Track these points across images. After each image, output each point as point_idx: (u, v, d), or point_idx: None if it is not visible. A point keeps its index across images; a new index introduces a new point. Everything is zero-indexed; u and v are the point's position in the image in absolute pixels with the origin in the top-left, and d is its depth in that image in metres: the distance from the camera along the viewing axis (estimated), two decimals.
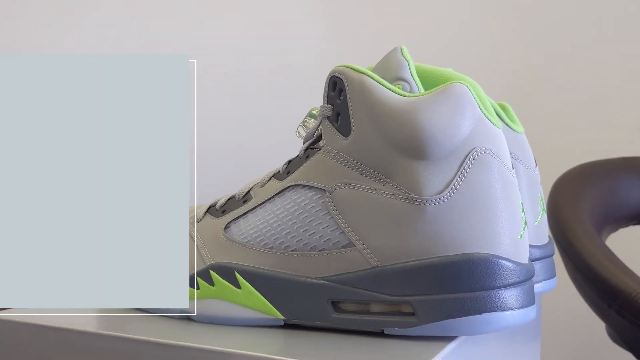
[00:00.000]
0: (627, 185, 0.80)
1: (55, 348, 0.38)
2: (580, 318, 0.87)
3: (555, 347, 1.00)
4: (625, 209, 0.80)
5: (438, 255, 0.34)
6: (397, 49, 0.39)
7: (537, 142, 0.60)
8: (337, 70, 0.38)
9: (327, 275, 0.37)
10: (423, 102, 0.35)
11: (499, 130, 0.36)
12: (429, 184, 0.34)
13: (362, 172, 0.36)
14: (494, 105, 0.43)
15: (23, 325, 0.39)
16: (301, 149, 0.40)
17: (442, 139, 0.35)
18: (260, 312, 0.38)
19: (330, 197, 0.37)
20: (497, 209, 0.35)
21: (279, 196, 0.39)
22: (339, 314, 0.37)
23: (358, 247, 0.36)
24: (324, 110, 0.38)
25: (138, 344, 0.36)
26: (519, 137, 0.46)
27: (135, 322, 0.39)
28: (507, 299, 0.34)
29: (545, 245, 0.47)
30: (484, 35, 1.04)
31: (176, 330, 0.38)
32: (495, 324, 0.34)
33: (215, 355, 0.34)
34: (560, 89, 1.02)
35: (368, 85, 0.36)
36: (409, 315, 0.35)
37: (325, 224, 0.37)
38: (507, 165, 0.36)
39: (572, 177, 0.77)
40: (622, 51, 0.99)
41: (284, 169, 0.41)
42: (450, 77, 0.40)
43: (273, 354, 0.33)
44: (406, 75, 0.38)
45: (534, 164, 0.47)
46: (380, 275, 0.35)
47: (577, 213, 0.71)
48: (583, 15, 1.01)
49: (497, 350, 0.43)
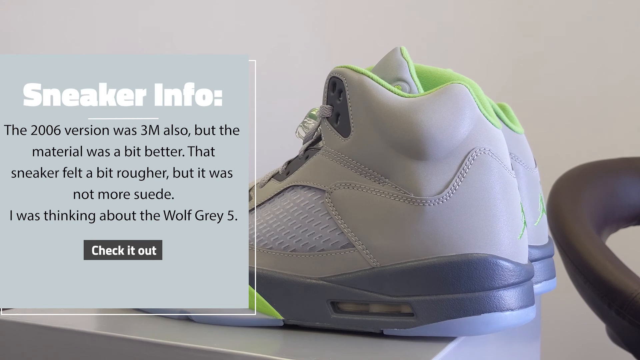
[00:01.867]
0: (627, 185, 0.80)
1: (54, 348, 0.38)
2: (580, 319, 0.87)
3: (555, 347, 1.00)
4: (626, 210, 0.80)
5: (437, 256, 0.34)
6: (397, 49, 0.39)
7: (537, 142, 0.60)
8: (337, 70, 0.38)
9: (327, 276, 0.37)
10: (422, 103, 0.35)
11: (499, 130, 0.36)
12: (428, 184, 0.34)
13: (361, 173, 0.36)
14: (493, 106, 0.43)
15: (24, 326, 0.39)
16: (301, 150, 0.40)
17: (442, 140, 0.35)
18: (260, 312, 0.38)
19: (329, 197, 0.37)
20: (496, 210, 0.35)
21: (278, 197, 0.39)
22: (338, 314, 0.37)
23: (357, 248, 0.36)
24: (324, 111, 0.38)
25: (137, 345, 0.36)
26: (519, 138, 0.46)
27: (134, 322, 0.39)
28: (507, 299, 0.34)
29: (545, 245, 0.47)
30: (483, 36, 1.04)
31: (175, 331, 0.38)
32: (495, 324, 0.34)
33: (214, 355, 0.34)
34: (560, 89, 1.02)
35: (368, 85, 0.36)
36: (408, 315, 0.35)
37: (325, 225, 0.37)
38: (507, 165, 0.36)
39: (572, 178, 0.77)
40: (622, 51, 0.99)
41: (283, 170, 0.41)
42: (450, 78, 0.40)
43: (272, 354, 0.33)
44: (406, 76, 0.38)
45: (534, 164, 0.47)
46: (379, 275, 0.35)
47: (577, 213, 0.71)
48: (583, 15, 1.01)
49: (497, 350, 0.43)
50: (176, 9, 1.05)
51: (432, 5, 1.05)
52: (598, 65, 1.00)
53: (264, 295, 0.38)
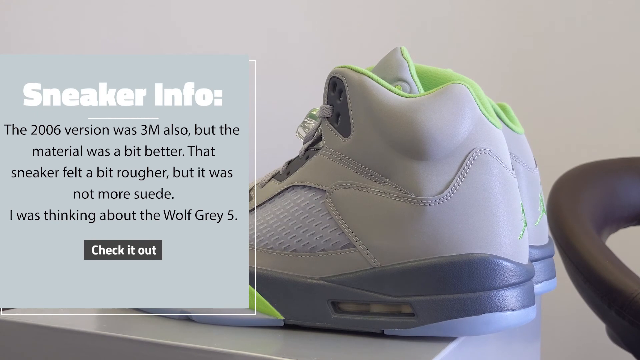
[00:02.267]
0: (627, 185, 0.80)
1: (54, 348, 0.38)
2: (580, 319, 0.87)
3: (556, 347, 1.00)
4: (626, 210, 0.80)
5: (438, 256, 0.34)
6: (397, 49, 0.39)
7: (537, 142, 0.60)
8: (337, 70, 0.38)
9: (327, 276, 0.37)
10: (423, 103, 0.35)
11: (499, 130, 0.36)
12: (429, 184, 0.34)
13: (362, 173, 0.36)
14: (493, 106, 0.43)
15: (24, 326, 0.39)
16: (301, 150, 0.40)
17: (442, 140, 0.35)
18: (260, 312, 0.38)
19: (330, 197, 0.37)
20: (497, 210, 0.35)
21: (278, 197, 0.39)
22: (339, 314, 0.37)
23: (358, 248, 0.36)
24: (324, 111, 0.38)
25: (137, 345, 0.36)
26: (519, 138, 0.46)
27: (134, 322, 0.39)
28: (507, 299, 0.34)
29: (546, 245, 0.47)
30: (483, 36, 1.04)
31: (175, 331, 0.37)
32: (495, 324, 0.34)
33: (214, 355, 0.34)
34: (560, 89, 1.02)
35: (368, 85, 0.36)
36: (409, 315, 0.35)
37: (325, 225, 0.37)
38: (507, 165, 0.36)
39: (572, 178, 0.77)
40: (623, 51, 0.99)
41: (283, 170, 0.41)
42: (450, 78, 0.40)
43: (273, 354, 0.33)
44: (406, 76, 0.38)
45: (534, 164, 0.47)
46: (380, 275, 0.35)
47: (577, 213, 0.71)
48: (583, 15, 1.01)
49: (497, 350, 0.43)
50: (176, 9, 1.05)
51: (432, 5, 1.05)
52: (598, 65, 1.00)
53: (265, 295, 0.38)
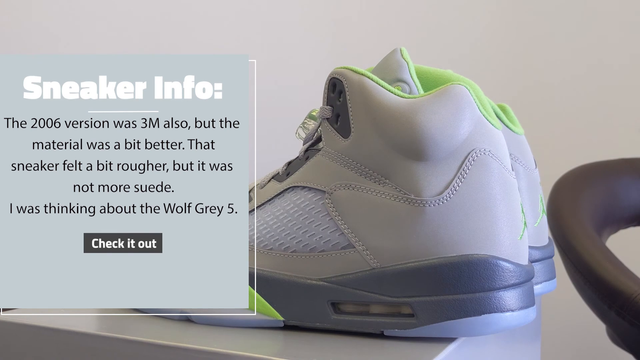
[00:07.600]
0: (627, 186, 0.80)
1: (54, 348, 0.38)
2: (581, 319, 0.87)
3: (556, 348, 1.00)
4: (626, 210, 0.80)
5: (438, 257, 0.34)
6: (397, 50, 0.39)
7: (537, 143, 0.60)
8: (337, 71, 0.38)
9: (327, 277, 0.37)
10: (422, 104, 0.35)
11: (499, 131, 0.36)
12: (429, 185, 0.34)
13: (361, 174, 0.36)
14: (493, 107, 0.43)
15: (24, 326, 0.39)
16: (301, 151, 0.40)
17: (442, 140, 0.35)
18: (260, 313, 0.38)
19: (329, 198, 0.37)
20: (496, 210, 0.35)
21: (278, 197, 0.39)
22: (338, 315, 0.37)
23: (357, 249, 0.36)
24: (324, 112, 0.38)
25: (137, 345, 0.36)
26: (519, 138, 0.46)
27: (134, 322, 0.39)
28: (507, 300, 0.34)
29: (545, 246, 0.47)
30: (483, 37, 1.04)
31: (175, 332, 0.37)
32: (495, 325, 0.34)
33: (214, 356, 0.34)
34: (560, 90, 1.02)
35: (368, 86, 0.36)
36: (408, 316, 0.35)
37: (325, 225, 0.37)
38: (507, 166, 0.36)
39: (572, 179, 0.77)
40: (623, 51, 0.99)
41: (283, 171, 0.41)
42: (450, 79, 0.40)
43: (272, 355, 0.33)
44: (406, 77, 0.38)
45: (534, 165, 0.47)
46: (379, 276, 0.35)
47: (577, 214, 0.71)
48: (583, 15, 1.01)
49: (497, 351, 0.43)
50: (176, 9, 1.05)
51: (432, 5, 1.06)
52: (598, 65, 1.00)
53: (264, 296, 0.38)
